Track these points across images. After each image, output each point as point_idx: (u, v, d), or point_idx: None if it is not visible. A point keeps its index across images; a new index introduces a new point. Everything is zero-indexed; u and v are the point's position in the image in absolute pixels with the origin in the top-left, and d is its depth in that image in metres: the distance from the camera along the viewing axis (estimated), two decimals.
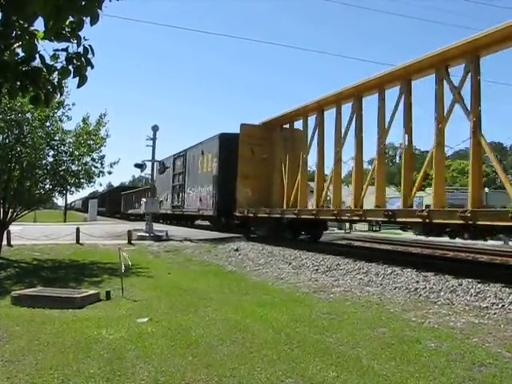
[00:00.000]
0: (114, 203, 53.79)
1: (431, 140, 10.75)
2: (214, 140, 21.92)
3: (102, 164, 14.30)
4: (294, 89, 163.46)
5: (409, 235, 22.08)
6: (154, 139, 21.56)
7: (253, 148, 18.76)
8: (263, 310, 7.03)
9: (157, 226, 21.63)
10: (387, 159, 45.19)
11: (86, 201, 62.90)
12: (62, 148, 13.62)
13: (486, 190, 27.63)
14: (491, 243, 16.93)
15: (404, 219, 11.15)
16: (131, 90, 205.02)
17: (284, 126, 18.34)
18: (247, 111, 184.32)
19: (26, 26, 2.92)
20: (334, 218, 13.98)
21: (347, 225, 29.65)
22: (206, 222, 26.08)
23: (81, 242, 16.98)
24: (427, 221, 9.93)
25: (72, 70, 3.10)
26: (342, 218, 13.74)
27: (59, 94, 3.47)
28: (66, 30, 2.93)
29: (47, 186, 14.31)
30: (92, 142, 13.80)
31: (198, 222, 28.57)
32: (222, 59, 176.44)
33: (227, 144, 20.15)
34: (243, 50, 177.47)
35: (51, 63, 3.13)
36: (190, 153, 26.00)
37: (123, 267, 8.61)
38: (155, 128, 21.57)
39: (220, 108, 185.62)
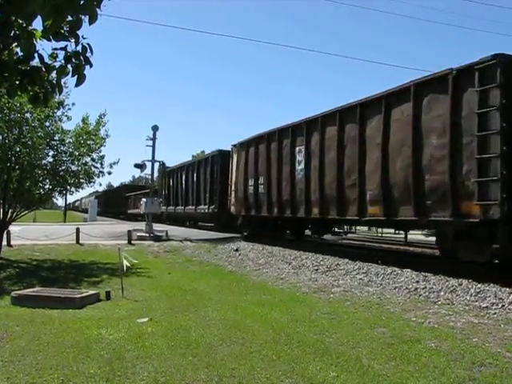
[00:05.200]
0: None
1: None
2: None
3: (101, 164, 14.39)
4: (298, 92, 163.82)
5: (409, 235, 22.05)
6: (153, 139, 21.61)
7: None
8: (263, 310, 7.02)
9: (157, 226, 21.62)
10: None
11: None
12: (62, 148, 13.65)
13: None
14: None
15: None
16: (131, 91, 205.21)
17: None
18: (249, 114, 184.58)
19: (25, 25, 2.91)
20: None
21: None
22: None
23: (81, 242, 16.98)
24: None
25: (71, 68, 3.09)
26: None
27: (58, 94, 3.46)
28: (65, 29, 2.92)
29: (47, 186, 14.33)
30: (92, 142, 13.84)
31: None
32: (222, 62, 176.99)
33: None
34: (246, 53, 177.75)
35: (50, 62, 3.12)
36: None
37: (124, 265, 8.61)
38: (155, 128, 21.61)
39: (222, 111, 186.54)
